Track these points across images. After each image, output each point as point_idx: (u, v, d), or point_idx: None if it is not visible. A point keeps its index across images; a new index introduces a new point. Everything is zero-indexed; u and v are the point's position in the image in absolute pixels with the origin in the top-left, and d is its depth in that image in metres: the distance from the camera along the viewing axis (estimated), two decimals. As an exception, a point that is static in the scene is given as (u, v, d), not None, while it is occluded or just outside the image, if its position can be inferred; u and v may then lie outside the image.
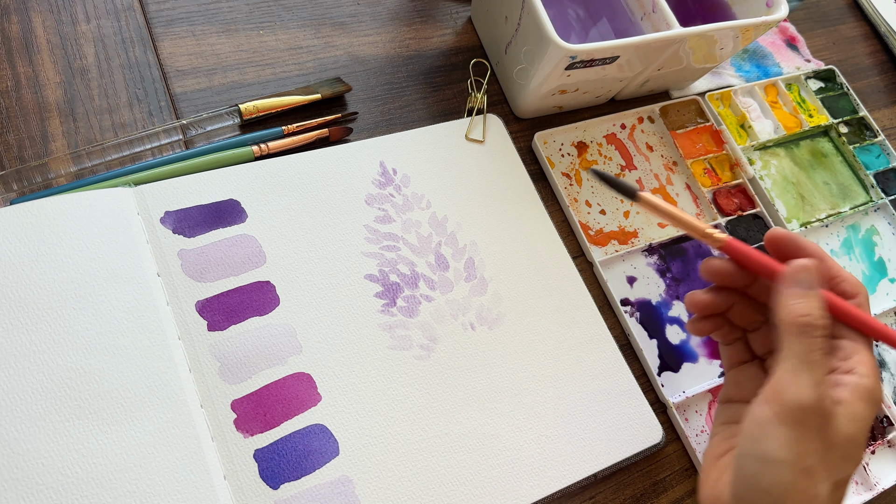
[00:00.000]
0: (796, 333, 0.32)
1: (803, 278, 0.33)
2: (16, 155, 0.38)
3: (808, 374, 0.31)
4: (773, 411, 0.31)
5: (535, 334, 0.41)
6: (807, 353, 0.31)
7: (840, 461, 0.31)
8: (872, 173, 0.55)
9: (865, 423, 0.31)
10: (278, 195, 0.40)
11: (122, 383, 0.33)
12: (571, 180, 0.48)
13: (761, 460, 0.31)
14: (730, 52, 0.49)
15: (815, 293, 0.33)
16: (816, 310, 0.32)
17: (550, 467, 0.38)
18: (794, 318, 0.32)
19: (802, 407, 0.30)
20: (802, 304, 0.32)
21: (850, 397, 0.31)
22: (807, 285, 0.33)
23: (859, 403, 0.31)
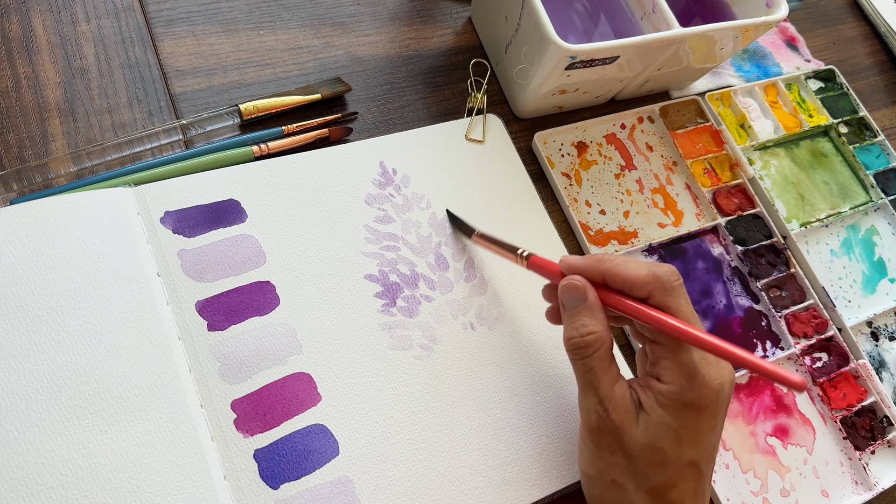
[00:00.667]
0: (572, 358, 0.33)
1: (568, 298, 0.33)
2: (16, 155, 0.38)
3: (589, 395, 0.32)
4: (580, 432, 0.34)
5: (535, 334, 0.41)
6: (582, 375, 0.33)
7: (647, 469, 0.31)
8: (872, 173, 0.56)
9: (668, 428, 0.31)
10: (278, 195, 0.40)
11: (122, 383, 0.33)
12: (571, 180, 0.48)
13: (582, 475, 0.35)
14: (730, 52, 0.49)
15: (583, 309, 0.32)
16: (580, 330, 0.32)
17: (550, 467, 0.38)
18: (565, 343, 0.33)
19: (592, 427, 0.32)
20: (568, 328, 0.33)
21: (649, 403, 0.32)
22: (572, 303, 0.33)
23: (659, 410, 0.31)
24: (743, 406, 0.44)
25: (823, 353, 0.47)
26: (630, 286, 0.32)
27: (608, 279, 0.33)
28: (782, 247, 0.50)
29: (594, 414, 0.32)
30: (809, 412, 0.45)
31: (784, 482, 0.42)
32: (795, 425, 0.44)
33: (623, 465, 0.31)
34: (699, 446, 0.32)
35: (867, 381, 0.46)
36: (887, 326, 0.50)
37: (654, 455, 0.31)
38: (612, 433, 0.31)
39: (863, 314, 0.50)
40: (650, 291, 0.32)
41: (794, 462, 0.43)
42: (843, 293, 0.50)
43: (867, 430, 0.45)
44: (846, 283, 0.51)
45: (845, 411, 0.45)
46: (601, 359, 0.32)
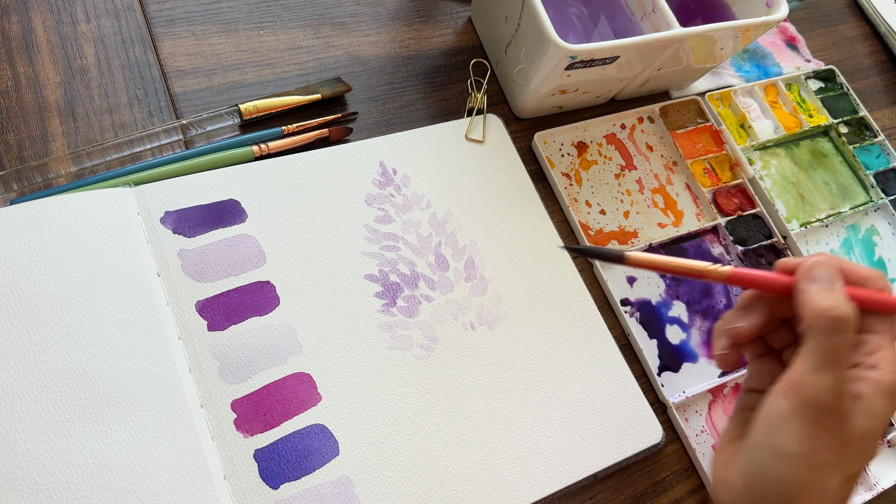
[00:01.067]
0: (824, 330, 0.31)
1: (820, 272, 0.32)
2: (16, 155, 0.38)
3: (831, 373, 0.31)
4: (789, 405, 0.31)
5: (535, 334, 0.41)
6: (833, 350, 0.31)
7: (854, 456, 0.31)
8: (872, 173, 0.55)
9: (883, 418, 0.31)
10: (278, 195, 0.40)
11: (122, 383, 0.33)
12: (571, 180, 0.48)
13: (774, 452, 0.31)
14: (730, 52, 0.49)
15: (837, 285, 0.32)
16: (843, 302, 0.31)
17: (550, 467, 0.38)
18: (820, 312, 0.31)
19: (821, 406, 0.30)
20: (827, 298, 0.31)
21: (870, 393, 0.31)
22: (826, 279, 0.32)
23: (879, 400, 0.31)
24: (743, 406, 0.44)
25: (823, 353, 0.47)
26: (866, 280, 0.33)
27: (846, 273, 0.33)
28: (782, 247, 0.50)
29: (831, 391, 0.30)
30: (809, 412, 0.45)
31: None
32: (795, 425, 0.44)
33: (835, 448, 0.31)
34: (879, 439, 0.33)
35: (867, 381, 0.46)
36: (887, 326, 0.50)
37: (864, 443, 0.31)
38: (839, 417, 0.31)
39: (863, 314, 0.50)
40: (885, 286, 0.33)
41: (794, 462, 0.43)
42: (843, 293, 0.50)
43: (867, 430, 0.45)
44: (846, 283, 0.51)
45: (845, 411, 0.45)
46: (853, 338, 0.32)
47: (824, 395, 0.30)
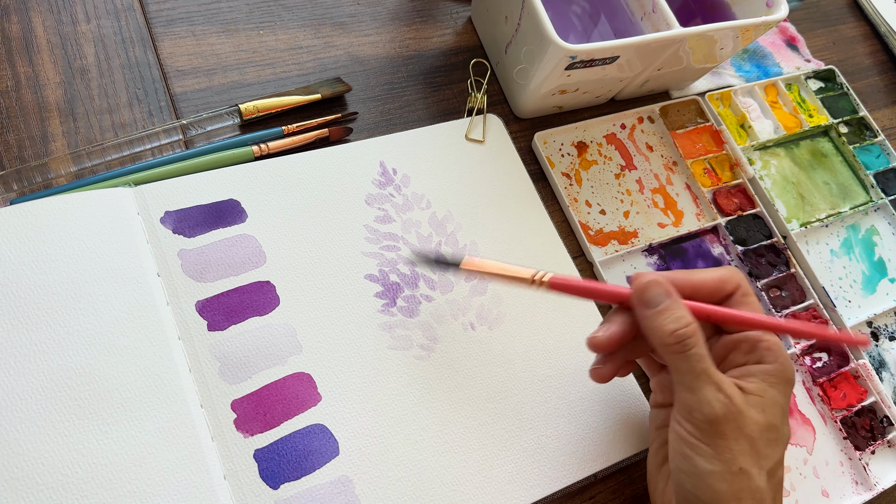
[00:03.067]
0: (674, 353, 0.32)
1: (653, 295, 0.33)
2: (16, 155, 0.38)
3: (705, 386, 0.31)
4: (690, 429, 0.32)
5: (535, 334, 0.41)
6: (692, 367, 0.32)
7: (766, 449, 0.32)
8: (872, 173, 0.55)
9: (779, 406, 0.32)
10: (278, 195, 0.40)
11: (122, 383, 0.33)
12: (571, 180, 0.48)
13: (694, 475, 0.32)
14: (730, 52, 0.49)
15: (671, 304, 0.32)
16: (680, 321, 0.32)
17: (550, 467, 0.38)
18: (663, 339, 0.32)
19: (714, 419, 0.31)
20: (665, 322, 0.32)
21: (759, 386, 0.32)
22: (659, 300, 0.33)
23: (770, 390, 0.32)
24: (743, 406, 0.44)
25: (823, 353, 0.47)
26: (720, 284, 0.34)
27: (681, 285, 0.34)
28: (782, 247, 0.50)
29: (717, 402, 0.31)
30: (809, 412, 0.45)
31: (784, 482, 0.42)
32: (795, 425, 0.44)
33: (747, 450, 0.31)
34: (788, 422, 0.34)
35: (867, 381, 0.46)
36: (887, 326, 0.50)
37: (770, 433, 0.32)
38: (736, 418, 0.31)
39: (863, 314, 0.50)
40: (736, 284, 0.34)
41: (794, 462, 0.43)
42: (843, 293, 0.50)
43: (867, 430, 0.45)
44: (846, 283, 0.51)
45: (845, 411, 0.45)
46: (705, 345, 0.32)
47: (710, 409, 0.31)
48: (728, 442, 0.31)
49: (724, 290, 0.34)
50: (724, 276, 0.34)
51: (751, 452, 0.31)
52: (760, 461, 0.32)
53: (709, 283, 0.34)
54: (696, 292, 0.34)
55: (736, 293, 0.34)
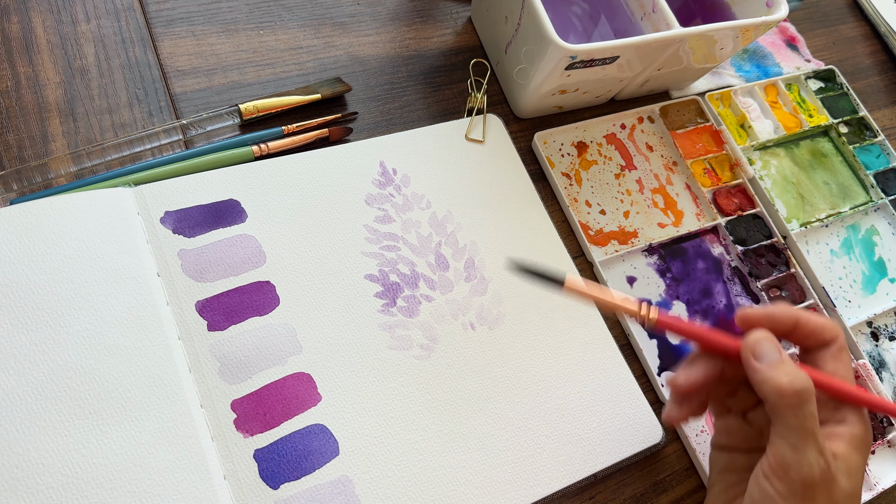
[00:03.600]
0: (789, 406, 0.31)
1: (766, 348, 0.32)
2: (16, 155, 0.38)
3: (811, 447, 0.30)
4: (781, 488, 0.31)
5: (535, 334, 0.41)
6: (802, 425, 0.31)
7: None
8: (872, 173, 0.55)
9: (861, 472, 0.32)
10: (278, 195, 0.40)
11: (122, 383, 0.33)
12: (571, 180, 0.48)
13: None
14: (730, 52, 0.49)
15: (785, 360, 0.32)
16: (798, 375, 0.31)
17: (550, 467, 0.38)
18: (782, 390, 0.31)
19: (811, 483, 0.30)
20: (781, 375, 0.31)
21: (845, 450, 0.31)
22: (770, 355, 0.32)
23: (855, 455, 0.31)
24: (743, 406, 0.44)
25: (823, 353, 0.47)
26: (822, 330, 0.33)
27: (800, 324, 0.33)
28: (782, 247, 0.50)
29: (816, 466, 0.30)
30: (809, 412, 0.45)
31: None
32: (795, 425, 0.44)
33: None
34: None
35: (867, 381, 0.46)
36: (887, 326, 0.50)
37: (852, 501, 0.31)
38: (829, 485, 0.31)
39: (863, 314, 0.50)
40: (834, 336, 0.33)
41: (794, 462, 0.43)
42: (843, 293, 0.50)
43: (867, 430, 0.45)
44: (846, 283, 0.51)
45: (845, 411, 0.45)
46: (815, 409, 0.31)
47: (810, 470, 0.30)
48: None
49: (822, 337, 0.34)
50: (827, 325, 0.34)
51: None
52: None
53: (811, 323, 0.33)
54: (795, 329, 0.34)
55: (832, 345, 0.33)
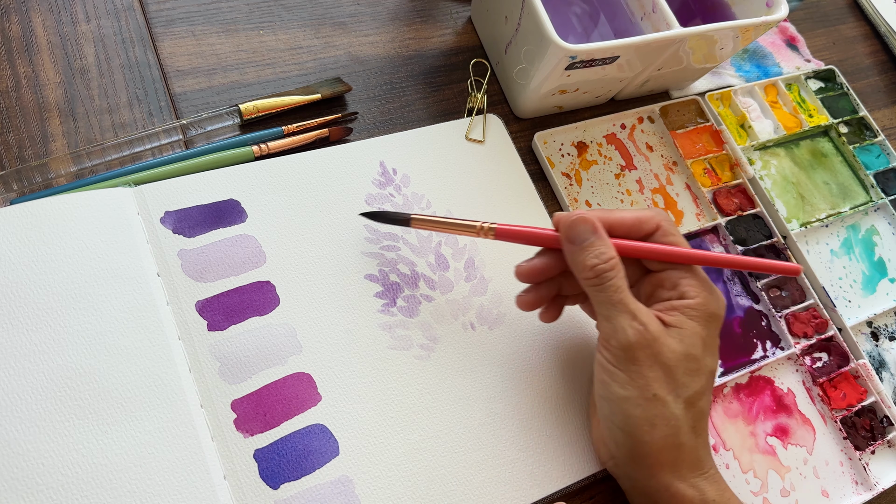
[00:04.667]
0: (591, 284, 0.34)
1: (580, 231, 0.35)
2: (16, 155, 0.38)
3: (620, 315, 0.33)
4: (608, 356, 0.34)
5: (535, 334, 0.41)
6: (609, 298, 0.33)
7: (684, 378, 0.33)
8: (872, 173, 0.55)
9: (699, 337, 0.34)
10: (278, 195, 0.40)
11: (122, 383, 0.33)
12: (571, 180, 0.48)
13: (611, 401, 0.34)
14: (730, 52, 0.49)
15: (596, 241, 0.34)
16: (601, 256, 0.34)
17: (550, 467, 0.38)
18: (583, 272, 0.34)
19: (628, 345, 0.33)
20: (587, 258, 0.34)
21: (678, 319, 0.34)
22: (584, 236, 0.34)
23: (690, 322, 0.34)
24: (743, 406, 0.44)
25: (823, 353, 0.47)
26: (639, 223, 0.36)
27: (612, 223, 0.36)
28: (782, 247, 0.50)
29: (630, 329, 0.33)
30: (809, 412, 0.45)
31: (784, 482, 0.42)
32: (795, 425, 0.44)
33: (661, 377, 0.33)
34: (715, 356, 0.35)
35: (867, 381, 0.46)
36: (887, 326, 0.50)
37: (689, 363, 0.33)
38: (651, 345, 0.33)
39: (863, 314, 0.50)
40: (657, 224, 0.36)
41: (794, 462, 0.43)
42: (843, 293, 0.50)
43: (867, 430, 0.45)
44: (846, 283, 0.51)
45: (845, 411, 0.45)
46: (624, 279, 0.34)
47: (625, 336, 0.33)
48: (642, 368, 0.33)
49: (643, 229, 0.36)
50: (644, 216, 0.36)
51: (666, 380, 0.33)
52: (677, 389, 0.33)
53: (627, 220, 0.36)
54: (613, 228, 0.36)
55: (657, 232, 0.36)
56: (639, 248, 0.36)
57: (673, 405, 0.33)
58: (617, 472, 0.37)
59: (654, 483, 0.34)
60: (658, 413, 0.33)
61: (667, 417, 0.33)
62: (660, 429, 0.33)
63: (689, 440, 0.33)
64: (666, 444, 0.33)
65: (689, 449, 0.33)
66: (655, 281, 0.36)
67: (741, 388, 0.44)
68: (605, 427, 0.35)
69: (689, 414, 0.33)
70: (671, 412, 0.33)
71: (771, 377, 0.46)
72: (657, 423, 0.33)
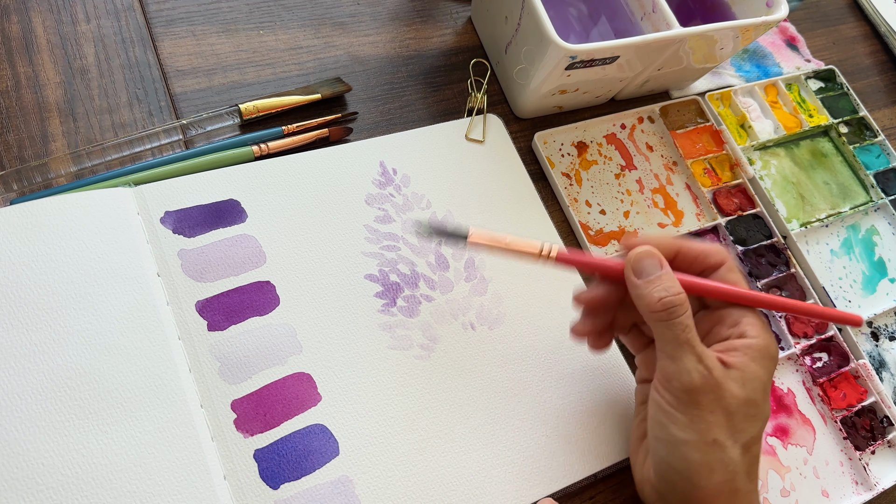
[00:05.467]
0: (659, 320, 0.33)
1: (646, 265, 0.34)
2: (16, 155, 0.38)
3: (686, 356, 0.32)
4: (668, 397, 0.33)
5: (535, 334, 0.41)
6: (676, 336, 0.32)
7: (743, 423, 0.32)
8: (872, 173, 0.55)
9: (760, 381, 0.33)
10: (278, 195, 0.40)
11: (122, 383, 0.33)
12: (571, 180, 0.48)
13: (669, 443, 0.33)
14: (730, 52, 0.49)
15: (663, 275, 0.33)
16: (670, 290, 0.33)
17: (550, 467, 0.38)
18: (651, 306, 0.33)
19: (692, 389, 0.32)
20: (654, 291, 0.33)
21: (741, 361, 0.33)
22: (650, 270, 0.34)
23: (752, 365, 0.33)
24: (743, 406, 0.44)
25: (823, 353, 0.47)
26: (705, 255, 0.35)
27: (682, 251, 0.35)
28: (782, 247, 0.50)
29: (695, 373, 0.32)
30: (809, 412, 0.45)
31: (784, 482, 0.42)
32: (795, 425, 0.44)
33: (722, 422, 0.32)
34: (769, 400, 0.34)
35: (867, 381, 0.46)
36: (887, 326, 0.50)
37: (749, 409, 0.33)
38: (714, 390, 0.32)
39: (863, 314, 0.50)
40: (722, 259, 0.35)
41: (794, 462, 0.43)
42: (844, 293, 0.50)
43: (867, 430, 0.45)
44: (846, 283, 0.51)
45: (845, 411, 0.45)
46: (691, 317, 0.33)
47: (689, 378, 0.32)
48: (703, 413, 0.32)
49: (707, 262, 0.35)
50: (711, 249, 0.35)
51: (726, 425, 0.32)
52: (736, 434, 0.32)
53: (693, 251, 0.35)
54: (680, 255, 0.35)
55: (721, 268, 0.35)
56: (705, 286, 0.35)
57: (732, 450, 0.32)
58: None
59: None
60: (717, 458, 0.32)
61: (725, 463, 0.32)
62: (718, 474, 0.32)
63: (745, 485, 0.33)
64: (723, 490, 0.32)
65: (745, 493, 0.33)
66: (714, 318, 0.35)
67: (741, 388, 0.44)
68: (660, 468, 0.34)
69: (745, 459, 0.33)
70: (730, 457, 0.32)
71: (771, 377, 0.46)
72: (716, 468, 0.32)
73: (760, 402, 0.33)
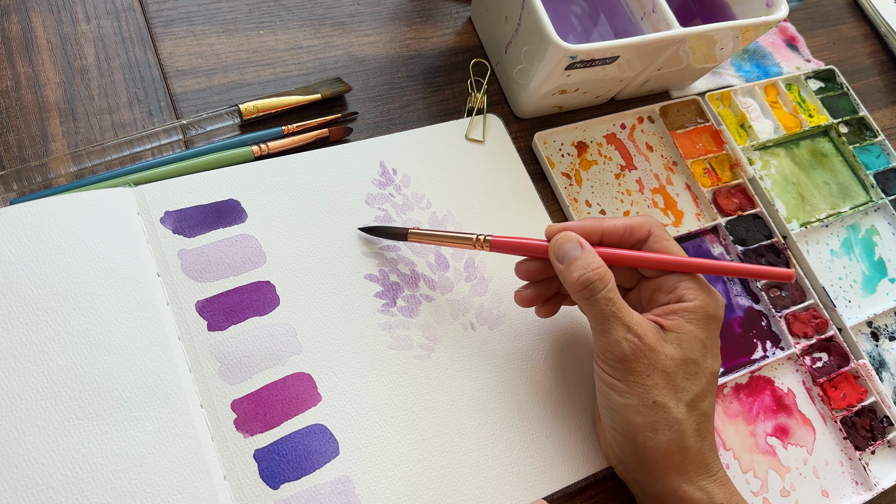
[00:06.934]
0: (583, 298, 0.34)
1: (567, 248, 0.35)
2: (16, 155, 0.38)
3: (614, 327, 0.33)
4: (606, 368, 0.34)
5: (535, 334, 0.41)
6: (601, 311, 0.34)
7: (684, 382, 0.34)
8: (872, 173, 0.55)
9: (698, 340, 0.34)
10: (278, 195, 0.40)
11: (122, 383, 0.33)
12: (571, 180, 0.48)
13: (613, 409, 0.34)
14: (730, 52, 0.49)
15: (582, 254, 0.34)
16: (588, 267, 0.34)
17: (550, 467, 0.38)
18: (572, 286, 0.34)
19: (624, 356, 0.33)
20: (573, 271, 0.34)
21: (676, 323, 0.34)
22: (571, 252, 0.35)
23: (688, 326, 0.34)
24: (743, 406, 0.44)
25: (823, 353, 0.47)
26: (631, 230, 0.36)
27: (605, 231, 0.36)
28: (782, 247, 0.50)
29: (625, 342, 0.33)
30: (809, 412, 0.45)
31: (784, 482, 0.42)
32: (795, 425, 0.44)
33: (661, 384, 0.33)
34: (717, 357, 0.36)
35: (867, 381, 0.46)
36: (887, 326, 0.50)
37: (688, 367, 0.34)
38: (647, 355, 0.33)
39: (863, 314, 0.50)
40: (648, 230, 0.36)
41: (794, 462, 0.43)
42: (843, 293, 0.50)
43: (867, 430, 0.45)
44: (846, 283, 0.51)
45: (845, 411, 0.45)
46: (615, 290, 0.34)
47: (619, 348, 0.33)
48: (640, 378, 0.33)
49: (635, 236, 0.36)
50: (635, 223, 0.36)
51: (666, 386, 0.33)
52: (679, 394, 0.33)
53: (618, 229, 0.36)
54: (604, 237, 0.36)
55: (649, 239, 0.36)
56: (630, 257, 0.36)
57: (675, 409, 0.33)
58: (626, 476, 0.37)
59: (662, 487, 0.34)
60: (660, 418, 0.33)
61: (669, 422, 0.33)
62: (663, 433, 0.33)
63: (694, 443, 0.34)
64: (670, 448, 0.33)
65: (695, 451, 0.34)
66: (653, 285, 0.37)
67: (741, 389, 0.44)
68: (610, 434, 0.36)
69: (691, 417, 0.34)
70: (673, 416, 0.33)
71: (771, 377, 0.46)
72: (659, 428, 0.33)
73: (700, 359, 0.34)
